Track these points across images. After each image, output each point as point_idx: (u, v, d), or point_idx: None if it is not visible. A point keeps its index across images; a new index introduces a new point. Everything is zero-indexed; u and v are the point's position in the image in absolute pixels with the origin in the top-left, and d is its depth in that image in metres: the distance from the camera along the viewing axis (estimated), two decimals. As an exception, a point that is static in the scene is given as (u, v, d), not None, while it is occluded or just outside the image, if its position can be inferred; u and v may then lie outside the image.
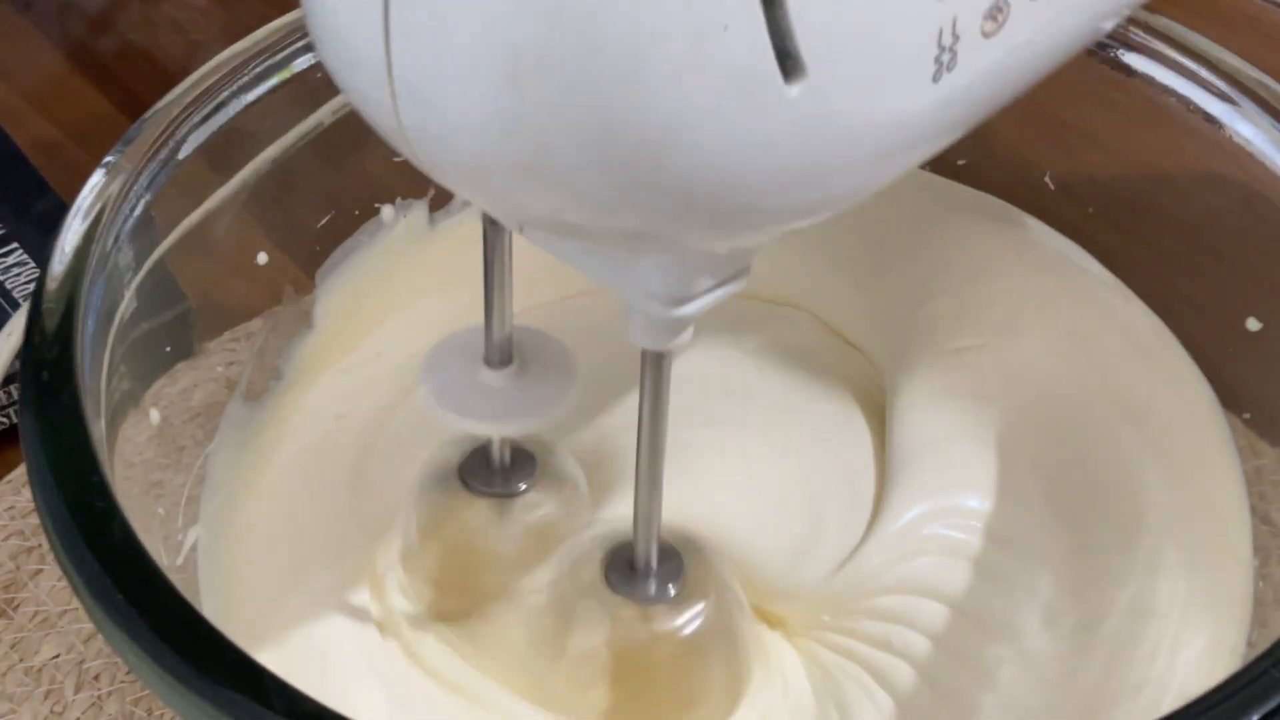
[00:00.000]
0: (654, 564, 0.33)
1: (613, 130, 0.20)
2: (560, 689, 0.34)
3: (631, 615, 0.33)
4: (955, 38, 0.21)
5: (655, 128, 0.20)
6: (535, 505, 0.36)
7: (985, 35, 0.22)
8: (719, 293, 0.26)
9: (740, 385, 0.42)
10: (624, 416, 0.39)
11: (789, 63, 0.20)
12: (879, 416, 0.41)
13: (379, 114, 0.22)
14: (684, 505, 0.34)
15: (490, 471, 0.36)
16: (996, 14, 0.22)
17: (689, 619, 0.33)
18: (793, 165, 0.21)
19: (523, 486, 0.36)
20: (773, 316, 0.44)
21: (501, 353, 0.33)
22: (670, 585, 0.33)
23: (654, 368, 0.28)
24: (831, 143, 0.21)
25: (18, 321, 0.44)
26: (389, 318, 0.43)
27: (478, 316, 0.44)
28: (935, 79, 0.22)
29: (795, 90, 0.20)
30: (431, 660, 0.35)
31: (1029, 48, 0.24)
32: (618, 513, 0.36)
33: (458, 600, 0.36)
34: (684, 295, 0.26)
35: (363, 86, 0.22)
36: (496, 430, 0.34)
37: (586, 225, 0.22)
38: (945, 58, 0.22)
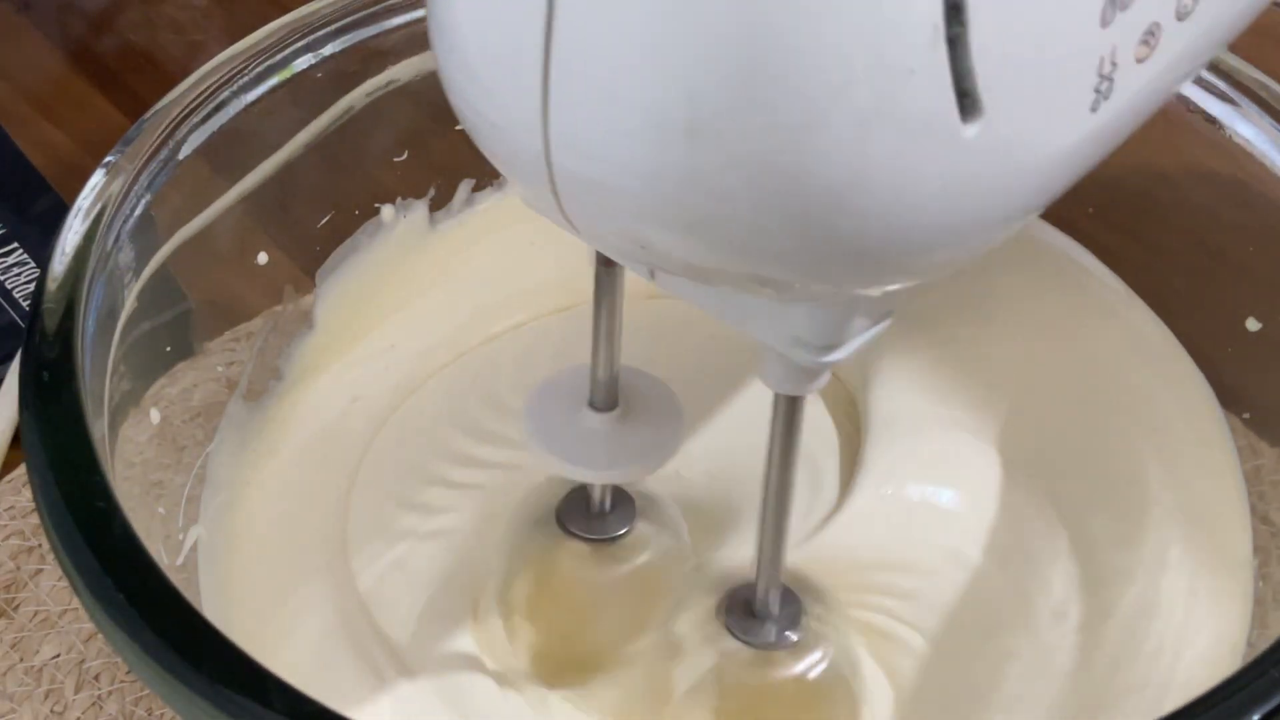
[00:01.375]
0: (775, 609, 0.32)
1: (791, 182, 0.20)
2: None
3: (752, 660, 0.33)
4: (1114, 65, 0.21)
5: (835, 178, 0.20)
6: (635, 550, 0.35)
7: (1138, 61, 0.22)
8: (868, 335, 0.26)
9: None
10: (719, 460, 0.38)
11: (967, 102, 0.19)
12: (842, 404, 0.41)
13: (526, 171, 0.21)
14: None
15: (589, 515, 0.35)
16: (1150, 38, 0.22)
17: (811, 664, 0.33)
18: (962, 205, 0.21)
19: (622, 530, 0.35)
20: None
21: (607, 396, 0.32)
22: (790, 631, 0.33)
23: (788, 411, 0.28)
24: (998, 180, 0.21)
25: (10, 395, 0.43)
26: (389, 318, 0.43)
27: (479, 317, 0.44)
28: (1094, 108, 0.21)
29: (971, 130, 0.20)
30: (537, 700, 0.34)
31: (1170, 72, 0.23)
32: (718, 558, 0.36)
33: (557, 643, 0.36)
34: (837, 341, 0.25)
35: (508, 144, 0.21)
36: (602, 478, 0.33)
37: (746, 275, 0.22)
38: (1104, 86, 0.21)
